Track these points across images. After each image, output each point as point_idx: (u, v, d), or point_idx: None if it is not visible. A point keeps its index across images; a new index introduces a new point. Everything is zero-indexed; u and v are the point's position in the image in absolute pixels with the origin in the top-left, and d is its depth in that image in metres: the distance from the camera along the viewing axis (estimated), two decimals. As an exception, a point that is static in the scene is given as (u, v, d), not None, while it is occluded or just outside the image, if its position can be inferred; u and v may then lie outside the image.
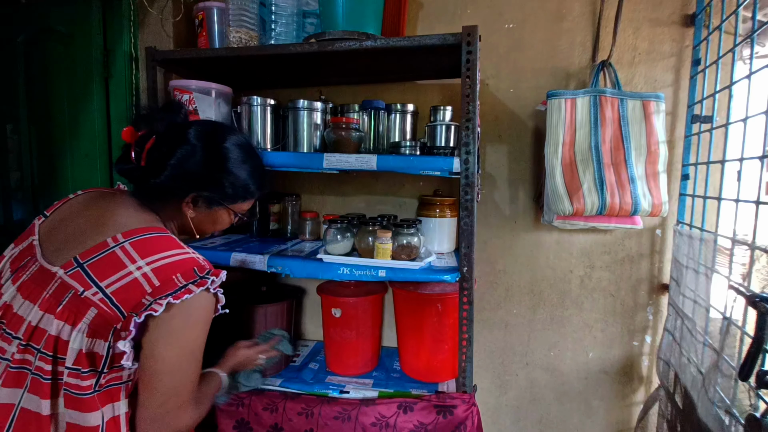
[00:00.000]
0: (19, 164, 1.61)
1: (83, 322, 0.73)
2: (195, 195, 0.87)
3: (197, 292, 0.76)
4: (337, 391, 1.23)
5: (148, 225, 0.82)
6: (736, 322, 0.95)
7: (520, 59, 1.46)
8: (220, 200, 0.90)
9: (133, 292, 0.73)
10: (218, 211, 0.92)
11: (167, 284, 0.74)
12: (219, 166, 0.87)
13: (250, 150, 0.94)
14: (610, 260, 1.48)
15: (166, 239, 0.80)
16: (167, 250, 0.78)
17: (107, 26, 1.45)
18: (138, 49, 1.46)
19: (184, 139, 0.84)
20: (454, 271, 1.14)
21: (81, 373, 0.73)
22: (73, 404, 0.73)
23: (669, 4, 1.37)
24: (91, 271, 0.74)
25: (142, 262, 0.75)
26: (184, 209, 0.88)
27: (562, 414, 1.57)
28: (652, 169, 1.27)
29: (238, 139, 0.92)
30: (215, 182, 0.88)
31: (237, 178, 0.89)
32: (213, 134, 0.88)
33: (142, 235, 0.78)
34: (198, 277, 0.77)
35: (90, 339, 0.74)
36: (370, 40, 1.14)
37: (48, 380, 0.73)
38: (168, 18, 1.44)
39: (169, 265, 0.76)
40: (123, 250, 0.76)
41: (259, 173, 0.95)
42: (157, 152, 0.83)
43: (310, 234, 1.53)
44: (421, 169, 1.14)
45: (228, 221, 0.97)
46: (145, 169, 0.83)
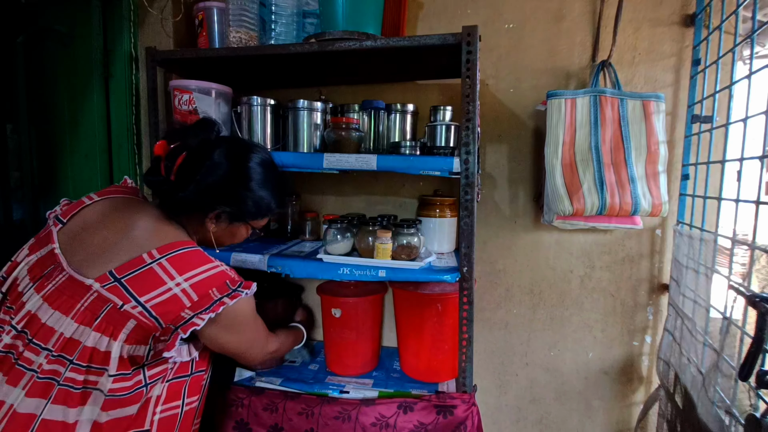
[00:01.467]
0: (19, 164, 1.61)
1: (123, 332, 0.77)
2: (219, 211, 0.91)
3: (230, 304, 0.83)
4: (337, 391, 1.23)
5: (179, 239, 0.86)
6: (736, 322, 0.95)
7: (520, 59, 1.46)
8: (242, 217, 0.95)
9: (173, 306, 0.79)
10: (238, 226, 0.98)
11: (204, 299, 0.81)
12: (244, 185, 0.91)
13: (273, 169, 0.98)
14: (610, 260, 1.48)
15: (199, 254, 0.86)
16: (202, 265, 0.84)
17: (107, 26, 1.45)
18: (138, 49, 1.46)
19: (213, 156, 0.88)
20: (454, 271, 1.14)
21: (126, 375, 0.78)
22: (113, 405, 0.78)
23: (669, 4, 1.37)
24: (129, 286, 0.78)
25: (181, 278, 0.80)
26: (207, 224, 0.93)
27: (562, 414, 1.57)
28: (652, 169, 1.27)
29: (262, 157, 0.96)
30: (239, 200, 0.92)
31: (261, 197, 0.94)
32: (241, 153, 0.92)
33: (177, 251, 0.83)
34: (231, 290, 0.85)
35: (131, 346, 0.79)
36: (370, 40, 1.14)
37: (78, 389, 0.76)
38: (168, 18, 1.44)
39: (205, 280, 0.83)
40: (161, 267, 0.80)
41: (280, 192, 1.00)
42: (188, 168, 0.87)
43: (310, 234, 1.53)
44: (421, 169, 1.14)
45: (245, 235, 1.02)
46: (174, 184, 0.87)
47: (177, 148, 0.89)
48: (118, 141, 1.47)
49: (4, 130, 1.62)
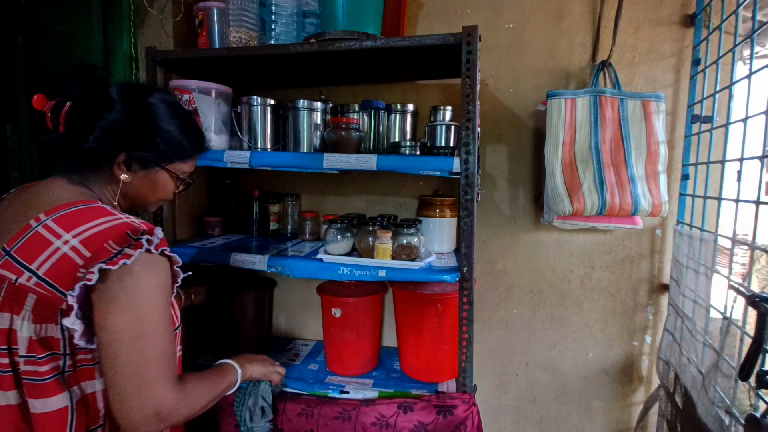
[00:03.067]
0: (19, 164, 1.61)
1: (24, 309, 0.71)
2: (126, 156, 0.82)
3: (136, 255, 0.71)
4: (337, 391, 1.23)
5: (74, 199, 0.77)
6: (736, 322, 0.95)
7: (520, 59, 1.46)
8: (155, 160, 0.85)
9: (66, 268, 0.69)
10: (156, 173, 0.87)
11: (100, 253, 0.70)
12: (148, 122, 0.83)
13: (178, 107, 0.90)
14: (610, 260, 1.48)
15: (94, 209, 0.76)
16: (95, 219, 0.73)
17: (107, 26, 1.45)
18: (138, 49, 1.46)
19: (106, 98, 0.80)
20: (454, 271, 1.14)
21: (37, 359, 0.71)
22: (34, 392, 0.72)
23: (669, 4, 1.37)
24: (18, 256, 0.71)
25: (68, 235, 0.71)
26: (117, 173, 0.83)
27: (562, 414, 1.57)
28: (652, 169, 1.27)
29: (163, 96, 0.87)
30: (146, 140, 0.83)
31: (168, 133, 0.85)
32: (137, 91, 0.85)
33: (65, 210, 0.74)
34: (133, 239, 0.72)
35: (38, 325, 0.71)
36: (370, 40, 1.14)
37: (8, 372, 0.72)
38: (168, 18, 1.44)
39: (99, 233, 0.72)
40: (46, 228, 0.72)
41: (192, 129, 0.91)
42: (77, 115, 0.78)
43: (310, 234, 1.53)
44: (421, 169, 1.14)
45: (171, 186, 0.91)
46: (66, 135, 0.78)
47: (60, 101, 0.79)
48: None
49: (4, 130, 1.62)
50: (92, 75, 0.82)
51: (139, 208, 0.93)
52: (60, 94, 0.79)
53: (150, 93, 0.85)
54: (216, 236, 1.56)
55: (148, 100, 0.84)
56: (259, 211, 1.58)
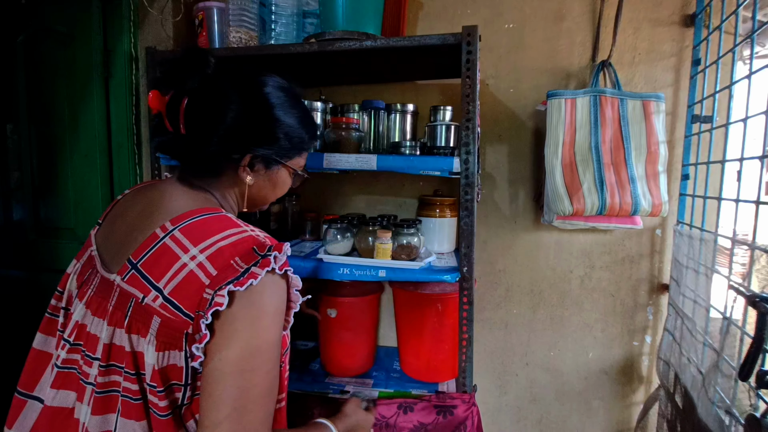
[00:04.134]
0: (19, 164, 1.61)
1: (150, 334, 0.63)
2: (252, 155, 0.74)
3: (263, 274, 0.62)
4: (337, 391, 1.23)
5: (199, 206, 0.70)
6: (736, 322, 0.95)
7: (520, 59, 1.46)
8: (278, 157, 0.78)
9: (192, 288, 0.61)
10: (277, 171, 0.80)
11: (226, 271, 0.61)
12: (268, 117, 0.74)
13: (293, 94, 0.80)
14: (610, 260, 1.48)
15: (220, 219, 0.68)
16: (221, 232, 0.65)
17: (107, 26, 1.45)
18: (138, 49, 1.46)
19: (222, 91, 0.71)
20: (454, 271, 1.14)
21: (157, 391, 0.63)
22: (158, 427, 0.64)
23: (669, 4, 1.37)
24: (145, 270, 0.64)
25: (196, 249, 0.63)
26: (242, 176, 0.76)
27: (562, 414, 1.57)
28: (652, 169, 1.27)
29: (276, 82, 0.78)
30: (268, 136, 0.75)
31: (290, 127, 0.77)
32: (250, 80, 0.75)
33: (192, 219, 0.67)
34: (260, 256, 0.63)
35: (161, 353, 0.63)
36: (370, 40, 1.14)
37: (138, 400, 0.64)
38: (168, 18, 1.44)
39: (225, 248, 0.63)
40: (173, 240, 0.64)
41: (308, 117, 0.82)
42: (197, 113, 0.70)
43: (310, 234, 1.52)
44: (421, 169, 1.14)
45: (288, 183, 0.84)
46: (188, 137, 0.70)
47: (175, 96, 0.70)
48: (118, 141, 1.47)
49: (4, 130, 1.62)
50: (207, 62, 0.72)
51: (257, 208, 0.87)
52: (174, 87, 0.70)
53: (264, 81, 0.76)
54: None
55: (264, 91, 0.75)
56: (259, 211, 1.57)
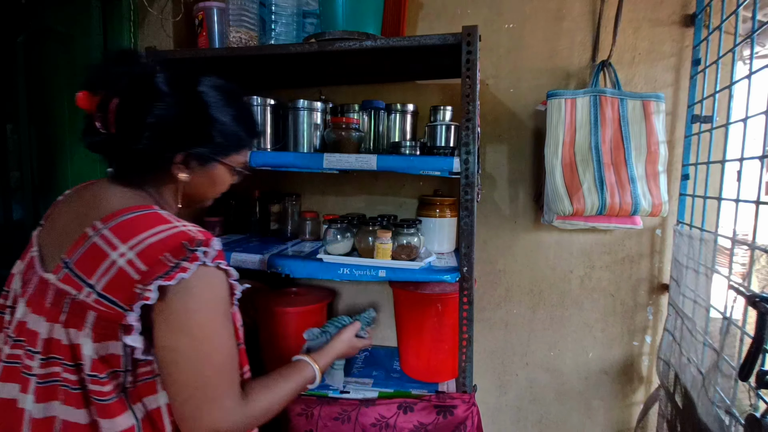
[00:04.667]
0: (19, 164, 1.61)
1: (86, 326, 0.67)
2: (184, 154, 0.76)
3: (193, 268, 0.66)
4: (337, 390, 1.23)
5: (132, 204, 0.72)
6: (736, 322, 0.95)
7: (520, 59, 1.46)
8: (214, 155, 0.80)
9: (123, 283, 0.65)
10: (215, 168, 0.82)
11: (156, 266, 0.65)
12: (202, 115, 0.76)
13: (230, 92, 0.82)
14: (610, 260, 1.48)
15: (150, 216, 0.70)
16: (151, 228, 0.68)
17: (107, 26, 1.45)
18: (138, 49, 1.46)
19: (154, 90, 0.72)
20: (454, 271, 1.14)
21: (100, 378, 0.67)
22: (102, 412, 0.68)
23: (669, 4, 1.37)
24: (78, 269, 0.67)
25: (125, 247, 0.65)
26: (176, 173, 0.77)
27: (562, 414, 1.57)
28: (652, 169, 1.27)
29: (213, 82, 0.80)
30: (202, 134, 0.77)
31: (224, 125, 0.79)
32: (185, 79, 0.77)
33: (122, 217, 0.69)
34: (189, 251, 0.67)
35: (99, 344, 0.67)
36: (370, 40, 1.14)
37: (77, 389, 0.68)
38: (168, 18, 1.44)
39: (155, 244, 0.66)
40: (103, 238, 0.67)
41: (246, 115, 0.84)
42: (127, 112, 0.71)
43: (310, 234, 1.53)
44: (421, 169, 1.14)
45: (228, 179, 0.86)
46: (118, 136, 0.71)
47: (106, 96, 0.71)
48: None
49: (4, 130, 1.62)
50: (136, 63, 0.75)
51: (197, 204, 0.88)
52: (104, 88, 0.71)
53: (199, 80, 0.78)
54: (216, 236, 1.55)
55: (198, 89, 0.77)
56: (259, 211, 1.58)
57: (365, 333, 1.16)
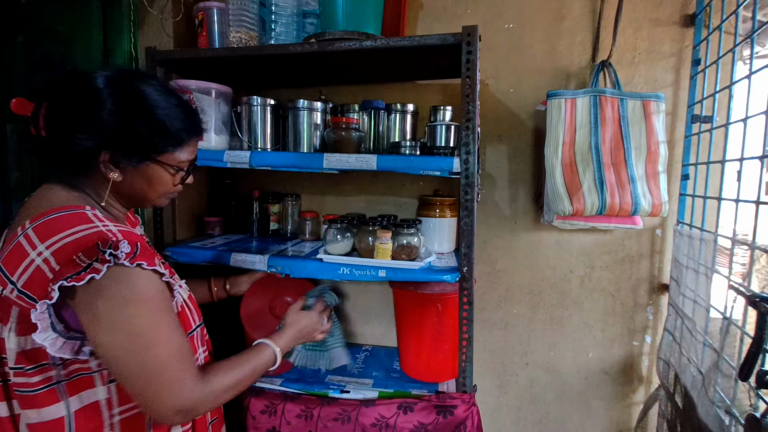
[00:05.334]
0: (19, 164, 1.61)
1: (11, 321, 0.70)
2: (110, 153, 0.75)
3: (104, 270, 0.66)
4: (338, 390, 1.23)
5: (62, 204, 0.73)
6: (736, 322, 0.95)
7: (520, 59, 1.46)
8: (142, 152, 0.78)
9: (39, 281, 0.66)
10: (148, 167, 0.80)
11: (67, 266, 0.65)
12: (127, 111, 0.75)
13: (162, 90, 0.80)
14: (610, 260, 1.48)
15: (74, 216, 0.71)
16: (70, 228, 0.69)
17: (107, 26, 1.45)
18: (138, 49, 1.46)
19: (81, 92, 0.74)
20: (454, 271, 1.14)
21: (25, 371, 0.70)
22: (27, 403, 0.71)
23: (669, 4, 1.37)
24: (3, 266, 0.69)
25: (42, 246, 0.67)
26: (105, 173, 0.77)
27: (562, 414, 1.57)
28: (652, 169, 1.27)
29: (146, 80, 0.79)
30: (128, 130, 0.75)
31: (151, 119, 0.77)
32: (114, 80, 0.77)
33: (46, 217, 0.70)
34: (101, 251, 0.67)
35: (22, 338, 0.70)
36: (370, 40, 1.14)
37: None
38: (168, 18, 1.44)
39: (70, 244, 0.67)
40: (26, 237, 0.68)
41: (180, 113, 0.81)
42: (55, 115, 0.73)
43: (310, 234, 1.53)
44: (421, 169, 1.14)
45: (169, 180, 0.84)
46: (48, 139, 0.73)
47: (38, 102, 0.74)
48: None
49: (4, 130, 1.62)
50: (58, 68, 0.76)
51: (144, 204, 0.88)
52: (35, 94, 0.74)
53: (129, 80, 0.78)
54: (216, 236, 1.56)
55: (125, 89, 0.77)
56: (259, 211, 1.58)
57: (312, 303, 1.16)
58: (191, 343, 0.84)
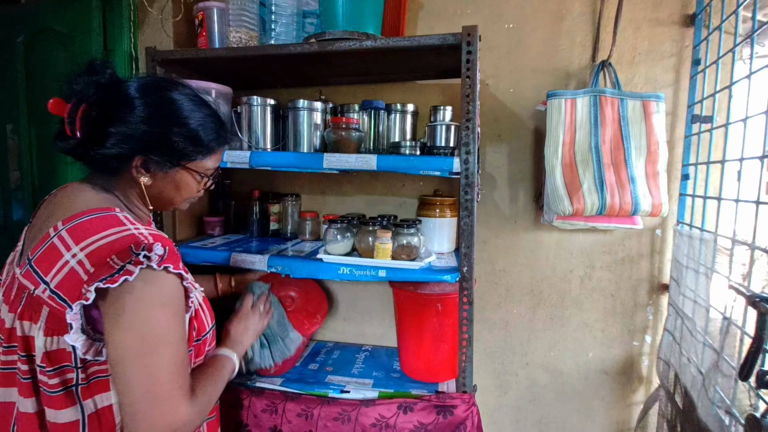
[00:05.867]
0: (19, 164, 1.61)
1: (40, 320, 0.71)
2: (143, 158, 0.79)
3: (137, 272, 0.68)
4: (338, 390, 1.23)
5: (94, 206, 0.75)
6: (736, 322, 0.95)
7: (520, 59, 1.46)
8: (174, 159, 0.82)
9: (73, 283, 0.68)
10: (178, 173, 0.84)
11: (101, 268, 0.67)
12: (162, 119, 0.79)
13: (195, 100, 0.85)
14: (610, 260, 1.48)
15: (107, 218, 0.73)
16: (104, 230, 0.70)
17: (107, 26, 1.45)
18: (138, 49, 1.46)
19: (120, 97, 0.78)
20: (454, 271, 1.14)
21: (47, 371, 0.72)
22: (48, 402, 0.73)
23: (669, 4, 1.37)
24: (37, 266, 0.70)
25: (77, 248, 0.69)
26: (136, 177, 0.80)
27: (562, 414, 1.57)
28: (652, 169, 1.27)
29: (180, 90, 0.83)
30: (162, 138, 0.79)
31: (185, 128, 0.81)
32: (151, 87, 0.81)
33: (80, 219, 0.72)
34: (135, 254, 0.69)
35: (49, 338, 0.71)
36: (370, 40, 1.14)
37: (28, 379, 0.73)
38: (168, 18, 1.44)
39: (104, 246, 0.69)
40: (60, 239, 0.70)
41: (211, 123, 0.85)
42: (91, 118, 0.76)
43: (310, 234, 1.53)
44: (421, 169, 1.14)
45: (195, 186, 0.88)
46: (83, 140, 0.76)
47: (76, 103, 0.76)
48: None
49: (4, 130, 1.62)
50: (102, 73, 0.79)
51: (167, 208, 0.91)
52: (74, 96, 0.77)
53: (165, 88, 0.82)
54: (216, 236, 1.56)
55: (162, 97, 0.80)
56: (259, 211, 1.58)
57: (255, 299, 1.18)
58: (203, 345, 0.88)
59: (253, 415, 1.21)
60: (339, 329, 1.67)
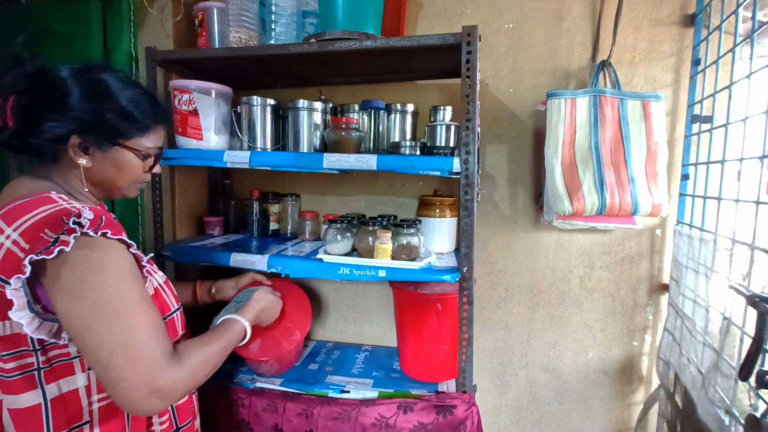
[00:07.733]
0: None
1: None
2: (79, 138, 0.78)
3: (71, 240, 0.67)
4: (338, 390, 1.23)
5: (27, 193, 0.75)
6: (736, 322, 0.95)
7: (520, 59, 1.46)
8: (110, 136, 0.81)
9: (12, 263, 0.67)
10: (117, 152, 0.82)
11: (36, 243, 0.66)
12: (93, 96, 0.79)
13: (127, 80, 0.84)
14: (609, 260, 1.48)
15: (38, 200, 0.73)
16: (35, 209, 0.70)
17: (107, 26, 1.45)
18: (138, 49, 1.46)
19: (49, 83, 0.77)
20: (454, 271, 1.14)
21: (1, 356, 0.71)
22: (6, 388, 0.72)
23: (669, 4, 1.37)
24: None
25: (10, 229, 0.68)
26: (74, 159, 0.79)
27: (561, 414, 1.57)
28: (652, 169, 1.27)
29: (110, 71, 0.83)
30: (94, 115, 0.79)
31: (117, 105, 0.80)
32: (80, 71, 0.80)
33: (11, 204, 0.72)
34: (65, 224, 0.68)
35: (2, 323, 0.71)
36: (370, 40, 1.14)
37: None
38: (168, 18, 1.44)
39: (36, 222, 0.68)
40: None
41: (146, 99, 0.85)
42: (22, 105, 0.75)
43: (310, 234, 1.53)
44: (421, 169, 1.14)
45: (138, 166, 0.86)
46: (17, 130, 0.76)
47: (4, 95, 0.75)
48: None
49: (4, 130, 1.61)
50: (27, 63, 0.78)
51: (114, 194, 0.89)
52: (3, 89, 0.76)
53: (94, 70, 0.82)
54: (216, 236, 1.56)
55: (92, 77, 0.80)
56: (259, 211, 1.58)
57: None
58: (169, 326, 0.84)
59: (254, 413, 1.21)
60: (339, 329, 1.67)
